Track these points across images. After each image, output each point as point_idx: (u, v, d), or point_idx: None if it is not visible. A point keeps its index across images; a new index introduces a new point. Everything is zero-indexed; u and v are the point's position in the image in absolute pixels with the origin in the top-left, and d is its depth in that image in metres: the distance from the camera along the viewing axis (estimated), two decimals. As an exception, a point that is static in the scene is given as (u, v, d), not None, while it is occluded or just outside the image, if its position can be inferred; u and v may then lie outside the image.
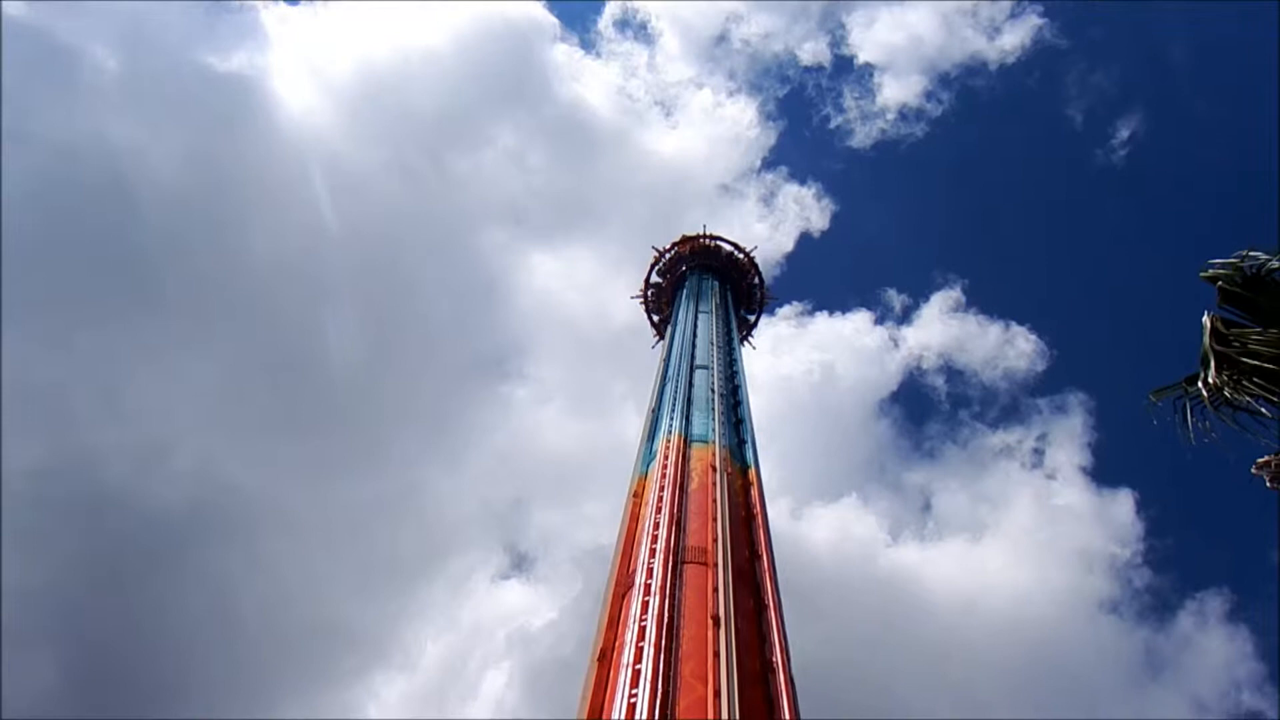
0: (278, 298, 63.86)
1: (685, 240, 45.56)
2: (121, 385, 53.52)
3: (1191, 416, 8.96)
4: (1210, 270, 8.84)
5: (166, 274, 58.26)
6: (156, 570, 48.46)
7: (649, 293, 45.74)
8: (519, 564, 69.41)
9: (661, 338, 41.69)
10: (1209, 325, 8.61)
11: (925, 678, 52.40)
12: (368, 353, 66.72)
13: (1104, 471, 72.71)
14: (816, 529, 64.74)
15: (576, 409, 79.35)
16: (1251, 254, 8.59)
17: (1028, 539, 69.63)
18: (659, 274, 45.71)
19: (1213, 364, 8.53)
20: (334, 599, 56.13)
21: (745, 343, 42.73)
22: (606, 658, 13.58)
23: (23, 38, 57.43)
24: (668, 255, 45.61)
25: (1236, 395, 8.43)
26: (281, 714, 46.62)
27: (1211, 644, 63.45)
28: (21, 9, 59.32)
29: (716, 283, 41.95)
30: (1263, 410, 8.37)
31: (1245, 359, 8.28)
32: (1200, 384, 8.72)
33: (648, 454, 22.01)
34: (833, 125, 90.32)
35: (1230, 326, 8.57)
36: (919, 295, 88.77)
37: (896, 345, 79.95)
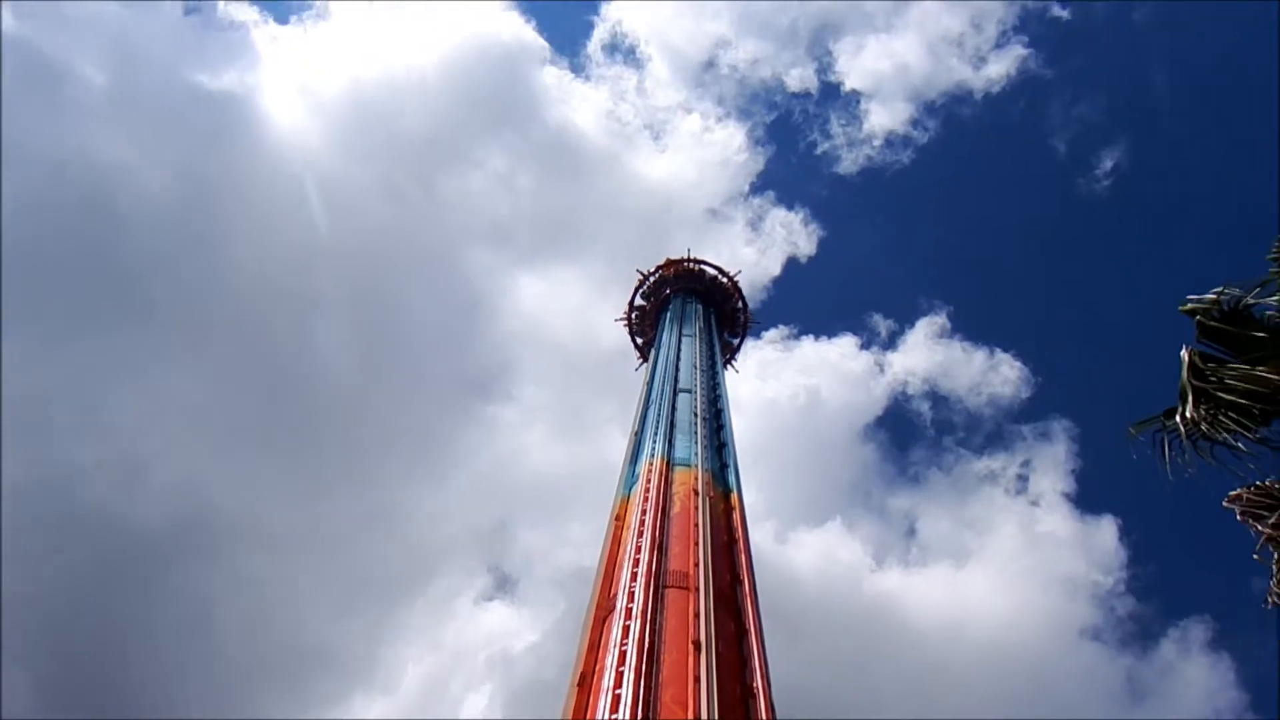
0: (263, 314, 63.52)
1: (669, 263, 45.69)
2: (104, 401, 52.99)
3: (1170, 450, 9.10)
4: (1189, 305, 9.03)
5: (151, 289, 57.99)
6: (137, 588, 47.80)
7: (633, 315, 45.80)
8: (502, 586, 68.85)
9: (645, 360, 41.73)
10: (1187, 360, 8.78)
11: (909, 702, 52.46)
12: (352, 372, 66.32)
13: (1087, 498, 73.19)
14: (801, 553, 64.84)
15: (562, 431, 79.06)
16: (1229, 290, 8.78)
17: (1011, 565, 70.07)
18: (643, 297, 45.82)
19: (1190, 399, 8.68)
20: (315, 618, 55.45)
21: (729, 366, 42.83)
22: (587, 682, 13.46)
23: (11, 52, 57.18)
24: (652, 278, 45.73)
25: (1213, 430, 8.58)
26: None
27: (1193, 672, 63.95)
28: (10, 23, 59.15)
29: (700, 306, 42.07)
30: (1239, 445, 8.51)
31: (1222, 394, 8.43)
32: (1178, 418, 8.87)
33: (630, 477, 21.96)
34: (820, 151, 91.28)
35: (1208, 361, 8.74)
36: (904, 321, 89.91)
37: (882, 370, 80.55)
